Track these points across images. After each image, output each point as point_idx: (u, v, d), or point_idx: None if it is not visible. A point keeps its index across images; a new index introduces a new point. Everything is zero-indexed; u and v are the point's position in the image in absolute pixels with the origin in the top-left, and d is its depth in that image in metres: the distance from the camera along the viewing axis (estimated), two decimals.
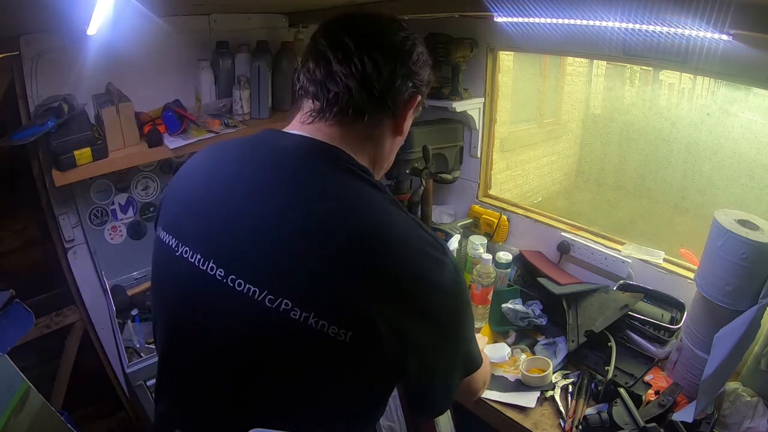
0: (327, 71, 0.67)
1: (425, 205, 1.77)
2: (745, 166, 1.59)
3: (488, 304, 1.45)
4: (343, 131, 0.69)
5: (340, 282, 0.58)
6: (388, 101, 0.70)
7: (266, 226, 0.61)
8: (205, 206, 0.66)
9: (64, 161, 1.27)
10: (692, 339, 1.15)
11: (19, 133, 1.24)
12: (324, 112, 0.68)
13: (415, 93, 0.73)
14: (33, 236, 1.51)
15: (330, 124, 0.69)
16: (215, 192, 0.66)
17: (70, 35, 1.30)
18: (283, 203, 0.62)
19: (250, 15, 1.65)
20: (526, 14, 1.13)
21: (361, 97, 0.67)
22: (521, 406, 1.15)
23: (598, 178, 2.48)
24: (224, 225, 0.63)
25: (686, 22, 0.89)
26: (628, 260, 1.45)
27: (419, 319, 0.62)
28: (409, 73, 0.71)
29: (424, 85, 0.75)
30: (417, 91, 0.73)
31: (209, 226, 0.64)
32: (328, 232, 0.59)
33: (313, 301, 0.58)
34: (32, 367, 1.42)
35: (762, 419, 1.01)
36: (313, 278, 0.58)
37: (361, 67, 0.66)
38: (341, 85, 0.66)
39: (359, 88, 0.67)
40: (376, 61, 0.67)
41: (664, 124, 2.01)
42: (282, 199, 0.62)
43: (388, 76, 0.68)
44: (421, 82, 0.73)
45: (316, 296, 0.58)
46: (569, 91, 2.73)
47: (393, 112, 0.72)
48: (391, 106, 0.71)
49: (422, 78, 0.73)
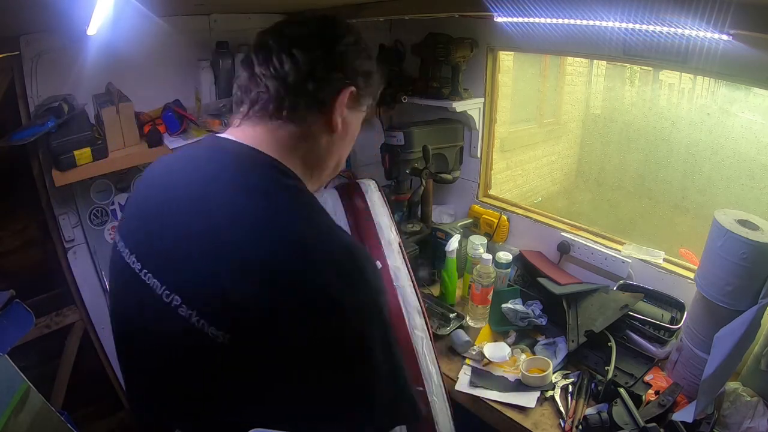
0: (249, 74, 0.68)
1: (425, 205, 1.77)
2: (745, 166, 1.59)
3: (488, 304, 1.46)
4: (267, 132, 0.68)
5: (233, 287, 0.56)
6: (310, 96, 0.67)
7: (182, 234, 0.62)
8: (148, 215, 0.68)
9: (64, 161, 1.27)
10: (692, 339, 1.15)
11: (19, 133, 1.24)
12: (248, 115, 0.69)
13: (346, 85, 0.69)
14: (33, 236, 1.51)
15: (254, 126, 0.69)
16: (156, 202, 0.68)
17: (70, 35, 1.30)
18: (198, 209, 0.62)
19: (250, 15, 1.64)
20: (526, 14, 1.13)
21: (279, 95, 0.67)
22: (521, 406, 1.16)
23: (598, 178, 2.48)
24: (157, 232, 0.65)
25: (686, 22, 0.89)
26: (628, 260, 1.46)
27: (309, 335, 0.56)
28: (334, 64, 0.68)
29: (360, 77, 0.71)
30: (349, 83, 0.69)
31: (146, 233, 0.67)
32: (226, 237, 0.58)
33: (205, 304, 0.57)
34: (32, 367, 1.42)
35: (762, 419, 1.01)
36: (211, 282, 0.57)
37: (279, 65, 0.66)
38: (261, 85, 0.67)
39: (277, 86, 0.67)
40: (294, 56, 0.66)
41: (664, 124, 2.01)
42: (199, 206, 0.62)
43: (308, 70, 0.67)
44: (353, 74, 0.70)
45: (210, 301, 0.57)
46: (569, 91, 2.72)
47: (319, 107, 0.69)
48: (314, 101, 0.68)
49: (355, 69, 0.70)
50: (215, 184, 0.63)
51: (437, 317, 1.50)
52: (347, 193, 1.44)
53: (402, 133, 1.62)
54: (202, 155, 0.70)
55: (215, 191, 0.62)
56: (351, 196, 1.43)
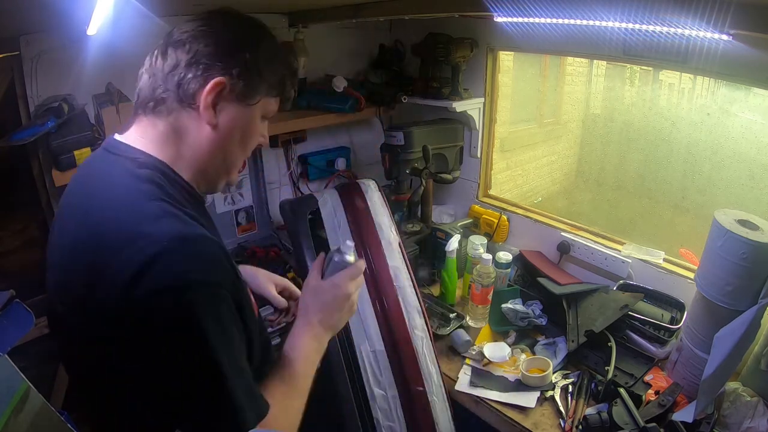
0: (139, 75, 0.71)
1: (425, 205, 1.77)
2: (745, 166, 1.59)
3: (488, 304, 1.46)
4: (145, 128, 0.70)
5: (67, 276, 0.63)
6: (177, 89, 0.67)
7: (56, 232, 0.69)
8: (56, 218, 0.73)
9: (64, 161, 1.27)
10: (692, 339, 1.15)
11: (19, 133, 1.24)
12: (136, 113, 0.71)
13: (214, 76, 0.66)
14: (33, 236, 1.51)
15: (138, 123, 0.71)
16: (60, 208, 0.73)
17: (70, 35, 1.29)
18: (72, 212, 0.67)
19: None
20: (526, 14, 1.12)
21: (148, 90, 0.68)
22: (521, 406, 1.16)
23: (598, 178, 2.48)
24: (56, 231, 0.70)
25: (686, 22, 0.89)
26: (628, 260, 1.46)
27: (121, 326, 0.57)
28: (201, 55, 0.66)
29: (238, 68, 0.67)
30: (218, 75, 0.66)
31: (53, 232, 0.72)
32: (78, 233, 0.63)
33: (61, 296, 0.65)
34: (32, 367, 1.41)
35: (762, 419, 1.01)
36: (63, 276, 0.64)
37: (154, 61, 0.69)
38: (141, 82, 0.70)
39: (148, 80, 0.69)
40: (166, 52, 0.68)
41: (664, 124, 2.01)
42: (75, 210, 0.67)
43: (174, 62, 0.67)
44: (229, 65, 0.67)
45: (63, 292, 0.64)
46: (569, 91, 2.72)
47: (188, 101, 0.67)
48: (182, 94, 0.67)
49: (232, 60, 0.67)
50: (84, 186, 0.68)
51: (437, 317, 1.50)
52: (347, 193, 1.45)
53: (402, 133, 1.62)
54: (94, 158, 0.73)
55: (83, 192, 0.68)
56: (351, 196, 1.43)
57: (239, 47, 0.68)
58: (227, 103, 0.69)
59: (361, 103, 1.73)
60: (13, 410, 0.98)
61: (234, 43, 0.69)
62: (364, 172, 2.02)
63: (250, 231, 1.88)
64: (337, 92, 1.71)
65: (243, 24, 0.72)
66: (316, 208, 1.41)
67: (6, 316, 1.20)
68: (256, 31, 0.72)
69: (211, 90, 0.66)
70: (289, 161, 1.88)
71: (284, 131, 1.74)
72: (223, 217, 1.80)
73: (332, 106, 1.72)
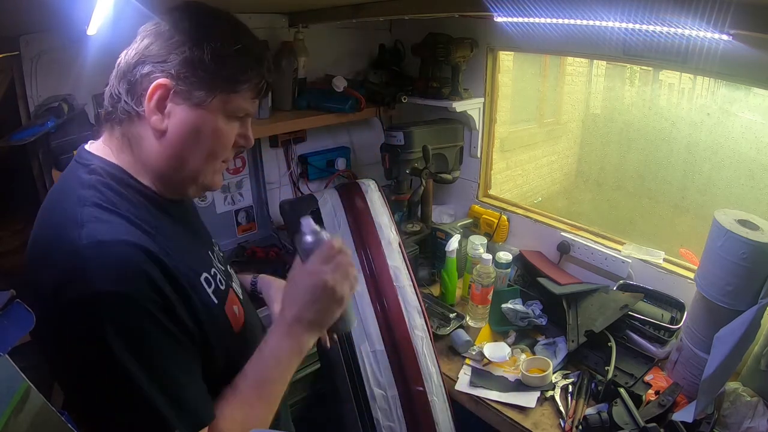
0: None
1: (425, 205, 1.77)
2: (745, 166, 1.59)
3: (488, 304, 1.46)
4: (108, 135, 0.70)
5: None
6: (125, 94, 0.65)
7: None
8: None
9: (64, 161, 1.27)
10: (692, 339, 1.15)
11: (19, 133, 1.24)
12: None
13: (155, 78, 0.63)
14: None
15: (104, 129, 0.71)
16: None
17: (70, 35, 1.29)
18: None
19: (250, 15, 1.64)
20: (526, 14, 1.12)
21: (107, 96, 0.68)
22: (521, 406, 1.16)
23: (598, 178, 2.47)
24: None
25: (686, 22, 0.89)
26: (628, 260, 1.46)
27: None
28: (145, 56, 0.63)
29: (179, 67, 0.63)
30: (160, 76, 0.63)
31: None
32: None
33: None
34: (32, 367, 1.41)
35: (762, 419, 1.01)
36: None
37: (117, 63, 0.68)
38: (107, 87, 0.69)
39: (109, 85, 0.68)
40: (127, 55, 0.67)
41: (664, 124, 2.01)
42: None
43: (124, 66, 0.65)
44: (171, 65, 0.63)
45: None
46: (569, 91, 2.72)
47: (136, 106, 0.65)
48: (129, 98, 0.65)
49: (175, 59, 0.63)
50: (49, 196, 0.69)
51: (437, 317, 1.50)
52: (347, 193, 1.45)
53: (402, 133, 1.62)
54: (68, 167, 0.72)
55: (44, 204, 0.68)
56: (351, 195, 1.43)
57: (180, 44, 0.63)
58: (176, 106, 0.64)
59: (361, 103, 1.73)
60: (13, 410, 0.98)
61: (177, 40, 0.64)
62: (364, 172, 2.02)
63: (250, 231, 1.88)
64: (337, 92, 1.71)
65: (194, 18, 0.66)
66: (316, 208, 1.41)
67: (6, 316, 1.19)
68: (207, 23, 0.66)
69: (151, 94, 0.63)
70: (289, 161, 1.88)
71: (284, 131, 1.75)
72: (223, 217, 1.80)
73: (332, 106, 1.72)
